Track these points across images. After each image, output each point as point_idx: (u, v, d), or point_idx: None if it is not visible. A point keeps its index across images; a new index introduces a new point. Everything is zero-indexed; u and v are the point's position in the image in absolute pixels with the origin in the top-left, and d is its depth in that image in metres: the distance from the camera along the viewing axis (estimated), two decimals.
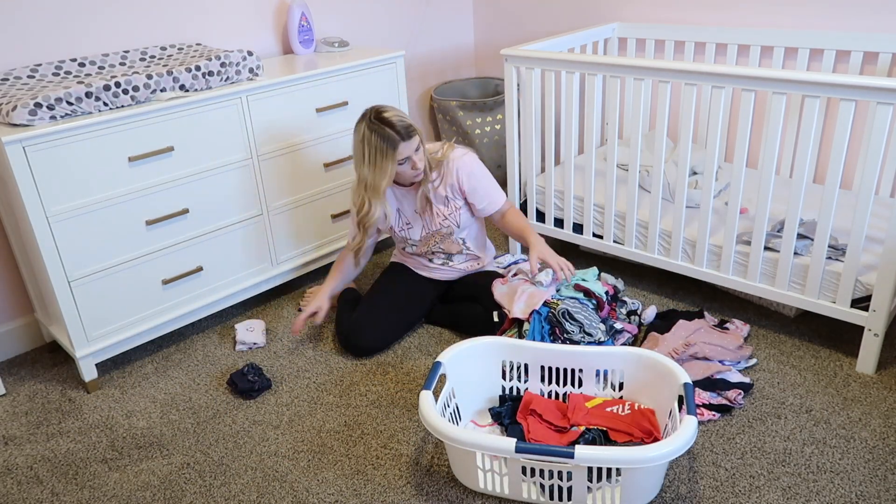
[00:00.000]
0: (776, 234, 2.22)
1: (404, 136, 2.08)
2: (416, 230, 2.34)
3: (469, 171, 2.27)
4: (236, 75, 2.32)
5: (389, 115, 2.09)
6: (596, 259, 2.83)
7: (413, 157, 2.14)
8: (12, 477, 1.91)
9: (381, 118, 2.09)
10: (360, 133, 2.13)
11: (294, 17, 2.77)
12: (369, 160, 2.12)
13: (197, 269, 2.35)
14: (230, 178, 2.36)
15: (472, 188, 2.29)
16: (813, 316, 2.34)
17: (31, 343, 2.49)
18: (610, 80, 2.36)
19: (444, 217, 2.31)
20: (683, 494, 1.71)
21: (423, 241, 2.37)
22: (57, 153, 1.96)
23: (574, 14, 3.20)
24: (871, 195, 1.91)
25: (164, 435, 2.03)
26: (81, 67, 2.26)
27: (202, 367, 2.33)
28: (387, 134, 2.07)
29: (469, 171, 2.27)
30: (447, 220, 2.32)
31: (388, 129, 2.07)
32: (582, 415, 1.85)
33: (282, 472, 1.86)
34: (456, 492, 1.76)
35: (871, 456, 1.78)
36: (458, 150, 2.29)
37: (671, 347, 2.14)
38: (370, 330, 2.30)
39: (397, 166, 2.13)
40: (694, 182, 2.60)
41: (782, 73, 1.99)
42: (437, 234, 2.35)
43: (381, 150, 2.08)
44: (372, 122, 2.09)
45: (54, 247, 2.02)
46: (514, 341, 1.97)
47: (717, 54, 2.81)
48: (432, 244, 2.38)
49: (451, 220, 2.32)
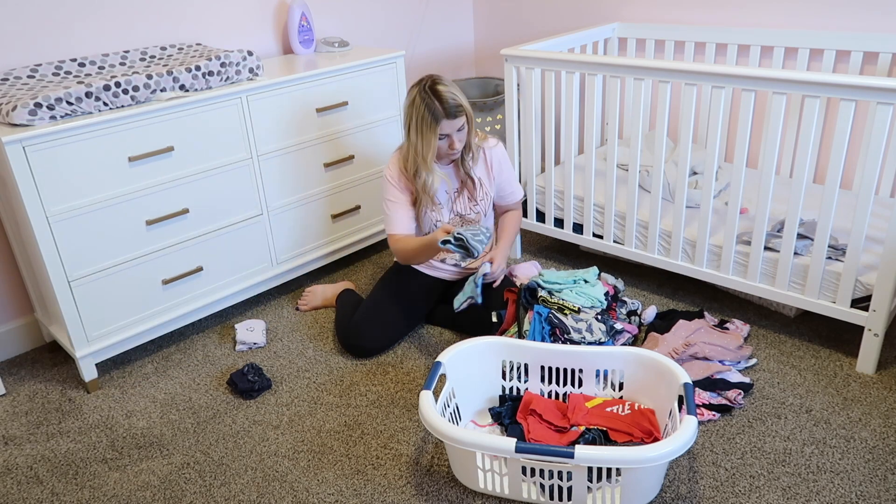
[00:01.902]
0: (776, 234, 2.22)
1: (450, 113, 2.10)
2: (445, 213, 2.34)
3: (501, 158, 2.36)
4: (236, 75, 2.32)
5: (442, 89, 2.10)
6: (596, 259, 2.83)
7: (453, 136, 2.15)
8: (12, 477, 1.91)
9: (434, 89, 2.10)
10: (410, 97, 2.16)
11: (294, 17, 2.77)
12: (417, 127, 2.14)
13: (197, 270, 2.35)
14: (230, 178, 2.36)
15: (504, 175, 2.37)
16: (813, 316, 2.34)
17: (31, 343, 2.49)
18: (610, 80, 2.36)
19: (475, 202, 2.34)
20: (683, 494, 1.71)
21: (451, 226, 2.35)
22: (57, 153, 1.96)
23: (574, 14, 3.20)
24: (871, 195, 1.91)
25: (164, 435, 2.03)
26: (81, 67, 2.26)
27: (202, 367, 2.33)
28: (434, 107, 2.09)
29: (500, 159, 2.36)
30: (477, 206, 2.34)
31: (436, 102, 2.09)
32: (582, 415, 1.85)
33: (282, 472, 1.86)
34: (456, 492, 1.76)
35: (871, 456, 1.79)
36: (490, 139, 2.35)
37: (671, 347, 2.14)
38: (371, 330, 2.30)
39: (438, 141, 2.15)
40: (694, 182, 2.60)
41: (782, 73, 1.99)
42: (464, 219, 2.36)
43: (425, 119, 2.11)
44: (424, 91, 2.11)
45: (54, 247, 2.02)
46: (514, 341, 1.97)
47: (717, 54, 2.81)
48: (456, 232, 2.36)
49: (482, 207, 2.35)
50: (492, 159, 2.33)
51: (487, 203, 2.37)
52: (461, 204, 2.34)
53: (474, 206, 2.34)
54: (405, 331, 2.40)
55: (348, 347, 2.32)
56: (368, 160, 2.76)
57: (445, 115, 2.09)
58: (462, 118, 2.14)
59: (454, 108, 2.10)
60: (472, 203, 2.34)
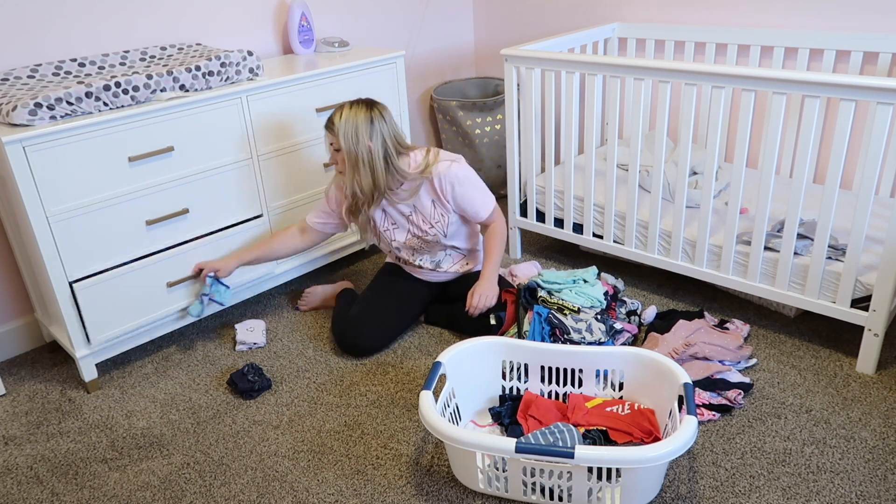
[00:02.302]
0: (776, 234, 2.22)
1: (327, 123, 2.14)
2: (402, 232, 2.31)
3: (453, 179, 2.19)
4: (236, 75, 2.32)
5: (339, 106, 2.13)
6: (596, 259, 2.83)
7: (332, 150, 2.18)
8: (12, 477, 1.91)
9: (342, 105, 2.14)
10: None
11: (294, 17, 2.77)
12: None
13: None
14: (230, 178, 2.36)
15: (458, 198, 2.22)
16: (813, 316, 2.34)
17: (31, 343, 2.49)
18: (610, 80, 2.36)
19: (430, 224, 2.27)
20: (683, 494, 1.71)
21: (407, 245, 2.33)
22: (57, 153, 1.96)
23: (574, 14, 3.20)
24: (871, 195, 1.91)
25: (164, 435, 2.03)
26: (81, 67, 2.26)
27: (202, 367, 2.33)
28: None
29: (453, 180, 2.19)
30: (433, 228, 2.28)
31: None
32: (582, 415, 1.85)
33: (282, 472, 1.86)
34: (456, 492, 1.76)
35: (871, 456, 1.79)
36: (443, 162, 2.19)
37: (671, 347, 2.14)
38: (367, 329, 2.30)
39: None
40: (694, 182, 2.60)
41: (782, 73, 1.99)
42: (421, 239, 2.31)
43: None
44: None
45: (54, 247, 2.02)
46: (514, 341, 1.97)
47: (717, 54, 2.81)
48: (418, 247, 2.34)
49: (438, 229, 2.28)
50: (443, 184, 2.18)
51: (445, 224, 2.27)
52: (414, 227, 2.28)
53: (430, 228, 2.27)
54: (401, 330, 2.40)
55: (344, 347, 2.32)
56: None
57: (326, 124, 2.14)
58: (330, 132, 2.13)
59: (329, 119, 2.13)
60: (426, 225, 2.26)
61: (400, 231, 2.30)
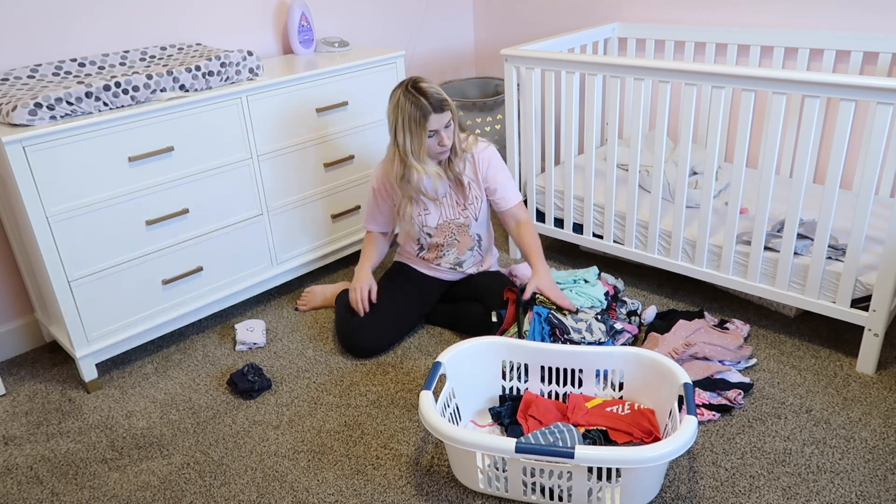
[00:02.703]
0: (776, 234, 2.22)
1: (437, 108, 2.11)
2: (434, 217, 2.33)
3: (489, 160, 2.30)
4: (236, 75, 2.32)
5: (425, 86, 2.12)
6: (596, 259, 2.83)
7: (441, 133, 2.15)
8: (12, 477, 1.91)
9: (417, 87, 2.11)
10: (394, 99, 2.15)
11: (294, 17, 2.77)
12: (405, 126, 2.13)
13: (197, 270, 2.35)
14: (230, 178, 2.36)
15: (491, 177, 2.31)
16: (813, 316, 2.34)
17: (31, 343, 2.49)
18: (610, 80, 2.36)
19: (463, 206, 2.32)
20: (683, 494, 1.71)
21: (440, 230, 2.35)
22: (57, 153, 1.96)
23: (574, 14, 3.20)
24: (871, 195, 1.91)
25: (164, 435, 2.03)
26: (81, 67, 2.26)
27: (202, 367, 2.33)
28: (420, 103, 2.09)
29: (489, 161, 2.30)
30: (466, 211, 2.32)
31: (422, 98, 2.09)
32: (582, 415, 1.85)
33: (282, 472, 1.86)
34: (456, 492, 1.76)
35: (871, 456, 1.78)
36: (481, 142, 2.33)
37: (671, 347, 2.14)
38: (370, 330, 2.30)
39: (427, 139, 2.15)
40: (694, 182, 2.60)
41: (782, 73, 1.99)
42: (453, 224, 2.34)
43: (413, 117, 2.11)
44: (407, 91, 2.12)
45: (54, 247, 2.02)
46: (514, 341, 1.97)
47: (717, 54, 2.81)
48: (448, 235, 2.36)
49: (471, 211, 2.33)
50: (479, 162, 2.30)
51: (478, 207, 2.34)
52: (448, 209, 2.32)
53: (463, 211, 2.33)
54: (405, 331, 2.40)
55: (348, 347, 2.32)
56: (368, 160, 2.76)
57: (432, 109, 2.10)
58: (448, 113, 2.14)
59: (440, 103, 2.11)
60: (461, 208, 2.32)
61: (432, 217, 2.33)
